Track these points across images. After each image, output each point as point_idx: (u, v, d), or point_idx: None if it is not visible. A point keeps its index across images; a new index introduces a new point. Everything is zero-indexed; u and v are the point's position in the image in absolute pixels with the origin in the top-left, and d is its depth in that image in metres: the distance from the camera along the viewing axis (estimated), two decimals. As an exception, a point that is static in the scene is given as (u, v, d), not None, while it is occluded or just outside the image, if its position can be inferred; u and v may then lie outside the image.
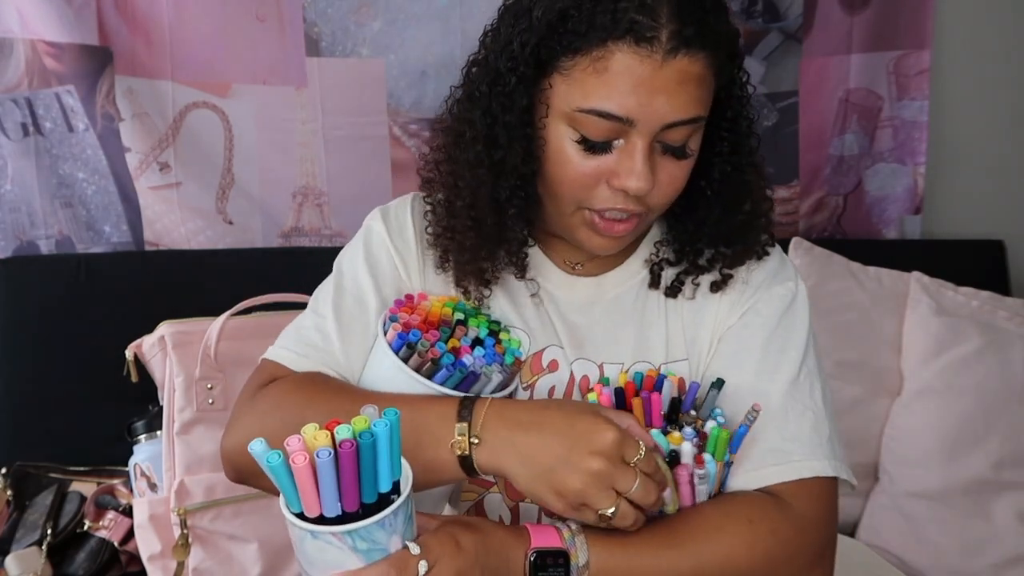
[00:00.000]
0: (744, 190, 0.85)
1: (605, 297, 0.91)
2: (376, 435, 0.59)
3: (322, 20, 1.61)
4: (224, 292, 1.38)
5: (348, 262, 0.93)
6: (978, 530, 1.40)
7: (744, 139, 0.85)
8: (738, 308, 0.88)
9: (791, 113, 1.75)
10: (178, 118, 1.60)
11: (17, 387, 1.48)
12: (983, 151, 1.81)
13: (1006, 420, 1.44)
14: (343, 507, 0.60)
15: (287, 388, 0.82)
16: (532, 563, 0.71)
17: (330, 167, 1.66)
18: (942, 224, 1.83)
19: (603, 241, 0.83)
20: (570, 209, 0.82)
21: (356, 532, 0.60)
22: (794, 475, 0.80)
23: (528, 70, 0.77)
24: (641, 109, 0.74)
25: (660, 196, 0.80)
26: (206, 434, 1.29)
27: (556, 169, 0.79)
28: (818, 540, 0.81)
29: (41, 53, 1.52)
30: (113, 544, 1.31)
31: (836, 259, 1.61)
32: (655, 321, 0.89)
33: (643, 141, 0.76)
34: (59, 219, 1.61)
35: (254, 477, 0.81)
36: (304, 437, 0.59)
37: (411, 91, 1.65)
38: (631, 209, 0.79)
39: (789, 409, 0.82)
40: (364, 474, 0.60)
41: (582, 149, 0.77)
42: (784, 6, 1.70)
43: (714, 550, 0.76)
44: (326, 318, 0.87)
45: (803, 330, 0.87)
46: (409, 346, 0.80)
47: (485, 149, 0.81)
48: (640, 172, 0.76)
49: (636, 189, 0.76)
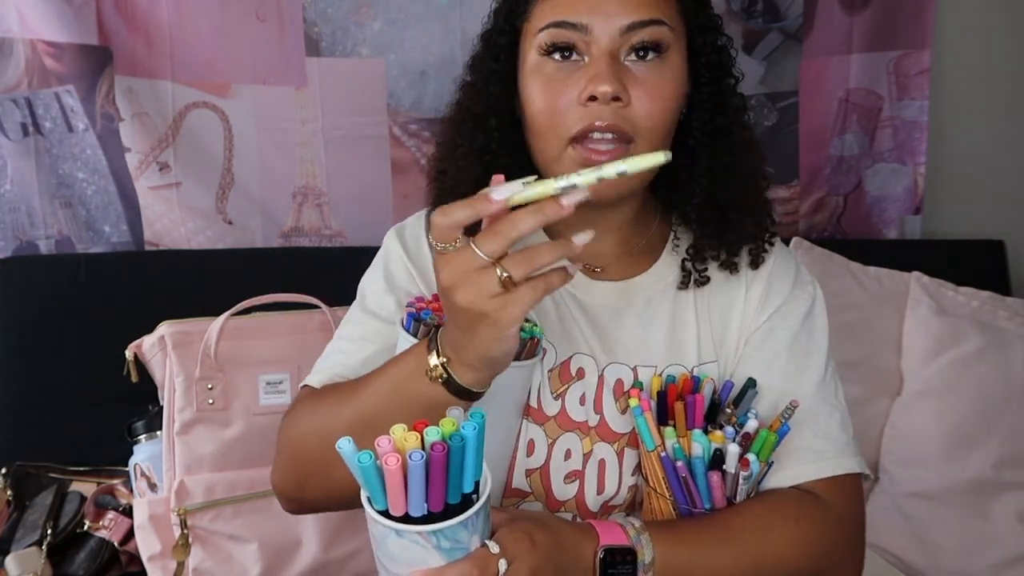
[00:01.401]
0: (729, 144, 0.86)
1: (636, 300, 0.91)
2: (465, 438, 0.60)
3: (322, 20, 1.61)
4: (224, 292, 1.37)
5: (370, 285, 0.95)
6: (978, 530, 1.40)
7: (718, 73, 0.86)
8: (763, 312, 0.90)
9: (791, 113, 1.75)
10: (178, 118, 1.60)
11: (17, 387, 1.48)
12: (983, 151, 1.81)
13: (1006, 420, 1.43)
14: (429, 507, 0.61)
15: (304, 401, 0.85)
16: (602, 560, 0.73)
17: (330, 167, 1.66)
18: (942, 224, 1.83)
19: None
20: (557, 149, 0.82)
21: (442, 532, 0.61)
22: (828, 472, 0.84)
23: (505, 38, 0.84)
24: (593, 12, 0.78)
25: (642, 109, 0.80)
26: (206, 434, 1.29)
27: (533, 105, 0.82)
28: (854, 535, 0.85)
29: (41, 53, 1.52)
30: (113, 544, 1.31)
31: (836, 259, 1.61)
32: (687, 324, 0.90)
33: (602, 47, 0.79)
34: (59, 219, 1.61)
35: (301, 495, 0.84)
36: (394, 438, 0.60)
37: (411, 91, 1.65)
38: (614, 125, 0.79)
39: (819, 409, 0.86)
40: (451, 476, 0.61)
41: (551, 70, 0.81)
42: (784, 6, 1.70)
43: (768, 548, 0.79)
44: (350, 339, 0.90)
45: (824, 332, 0.91)
46: (418, 320, 0.81)
47: (478, 121, 0.85)
48: (603, 73, 0.78)
49: (603, 93, 0.77)
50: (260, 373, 1.33)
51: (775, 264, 0.92)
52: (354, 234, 1.69)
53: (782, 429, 0.80)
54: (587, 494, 0.88)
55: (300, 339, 1.35)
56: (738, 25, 1.69)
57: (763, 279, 0.91)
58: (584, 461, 0.88)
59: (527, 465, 0.88)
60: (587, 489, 0.88)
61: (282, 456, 0.85)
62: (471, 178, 0.85)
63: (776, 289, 0.91)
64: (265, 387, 1.32)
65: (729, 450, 0.78)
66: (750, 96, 1.72)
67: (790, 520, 0.80)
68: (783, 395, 0.85)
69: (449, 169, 0.88)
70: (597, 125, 0.79)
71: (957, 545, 1.40)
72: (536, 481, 0.88)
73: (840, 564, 0.83)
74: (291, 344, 1.35)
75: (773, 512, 0.81)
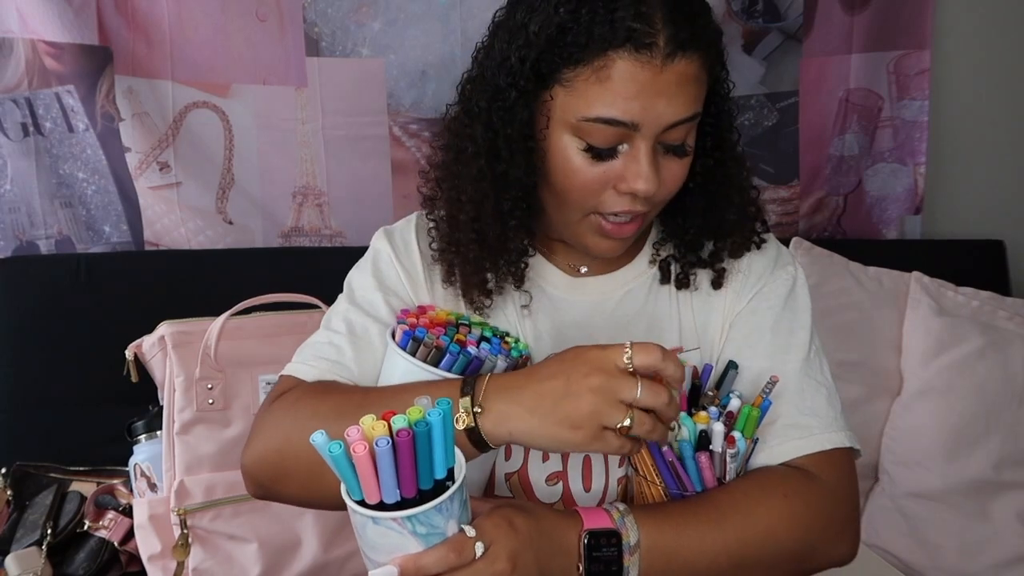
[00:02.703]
0: (726, 182, 0.88)
1: (616, 294, 0.92)
2: (431, 424, 0.62)
3: (322, 20, 1.61)
4: (224, 292, 1.37)
5: (357, 278, 0.95)
6: (978, 530, 1.40)
7: (726, 133, 0.87)
8: (744, 295, 0.91)
9: (791, 113, 1.75)
10: (178, 118, 1.60)
11: (16, 387, 1.48)
12: (983, 151, 1.81)
13: (1006, 420, 1.43)
14: (401, 493, 0.63)
15: (298, 395, 0.84)
16: (586, 544, 0.73)
17: (330, 167, 1.66)
18: (942, 224, 1.83)
19: (611, 244, 0.86)
20: (578, 216, 0.84)
21: (415, 517, 0.63)
22: (816, 447, 0.84)
23: (528, 84, 0.79)
24: (644, 113, 0.76)
25: (663, 193, 0.83)
26: (206, 434, 1.29)
27: (563, 179, 0.81)
28: (846, 508, 0.85)
29: (41, 53, 1.52)
30: (113, 544, 1.31)
31: (836, 259, 1.61)
32: (668, 315, 0.92)
33: (647, 143, 0.78)
34: (59, 219, 1.61)
35: (276, 486, 0.83)
36: (363, 427, 0.62)
37: (411, 91, 1.65)
38: (638, 210, 0.82)
39: (804, 386, 0.86)
40: (421, 461, 0.63)
41: (589, 157, 0.79)
42: (784, 6, 1.70)
43: (755, 525, 0.78)
44: (339, 332, 0.90)
45: (807, 311, 0.91)
46: (415, 340, 0.82)
47: (487, 163, 0.83)
48: (647, 174, 0.78)
49: (645, 191, 0.79)
50: (260, 373, 1.33)
51: (754, 248, 0.93)
52: (354, 234, 1.69)
53: (764, 404, 0.81)
54: (574, 493, 0.88)
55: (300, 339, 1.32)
56: (738, 25, 1.69)
57: (743, 263, 0.92)
58: (564, 461, 0.88)
59: (505, 469, 0.88)
60: (573, 488, 0.88)
61: (263, 445, 0.83)
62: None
63: (755, 271, 0.92)
64: (265, 387, 1.32)
65: (714, 430, 0.79)
66: (750, 96, 1.72)
67: (778, 496, 0.80)
68: (768, 374, 0.85)
69: (464, 197, 0.86)
70: (627, 210, 0.82)
71: (957, 545, 1.40)
72: (516, 485, 0.89)
73: (833, 539, 0.83)
74: (291, 344, 1.32)
75: (761, 489, 0.81)
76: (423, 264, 0.94)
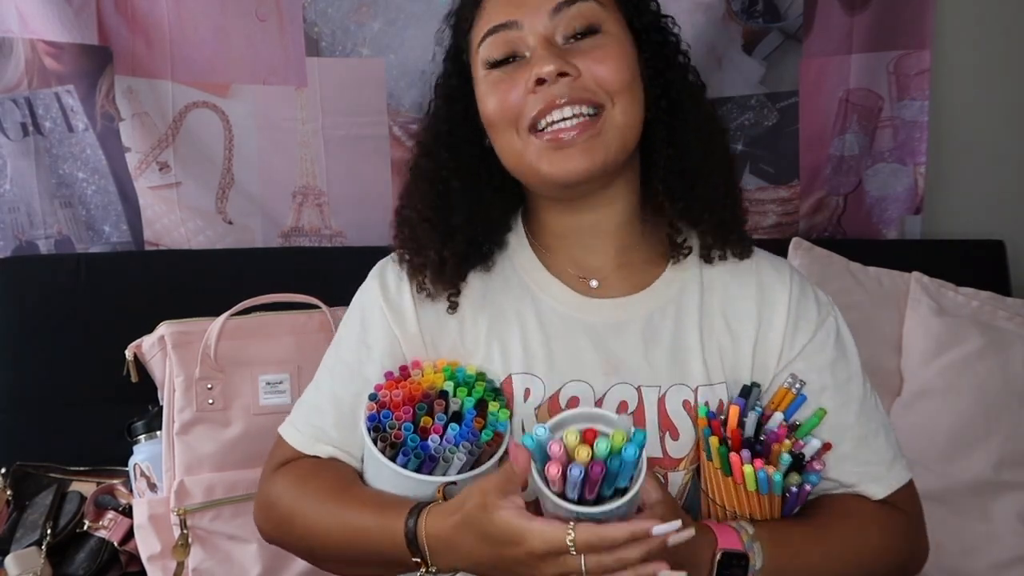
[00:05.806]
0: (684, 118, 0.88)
1: (637, 317, 0.89)
2: (624, 460, 0.67)
3: (322, 20, 1.61)
4: (224, 292, 1.37)
5: (345, 330, 0.96)
6: (978, 530, 1.40)
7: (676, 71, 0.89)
8: (794, 343, 0.90)
9: (791, 113, 1.75)
10: (178, 118, 1.60)
11: (17, 387, 1.48)
12: (983, 151, 1.81)
13: (1006, 420, 1.43)
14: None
15: (290, 480, 0.89)
16: (719, 562, 0.76)
17: (330, 167, 1.66)
18: (942, 224, 1.83)
19: (565, 154, 0.82)
20: (520, 141, 0.84)
21: (591, 515, 0.69)
22: (887, 491, 0.89)
23: (455, 79, 0.91)
24: (518, 8, 0.83)
25: (595, 74, 0.83)
26: (206, 434, 1.29)
27: (486, 107, 0.86)
28: (925, 535, 0.92)
29: (41, 53, 1.52)
30: (113, 544, 1.31)
31: (836, 259, 1.61)
32: (691, 345, 0.89)
33: (536, 36, 0.83)
34: (59, 219, 1.61)
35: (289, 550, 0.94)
36: (565, 444, 0.68)
37: (411, 91, 1.65)
38: (575, 96, 0.82)
39: (868, 431, 0.90)
40: (606, 481, 0.69)
41: (493, 72, 0.85)
42: (784, 6, 1.70)
43: (859, 554, 0.85)
44: (323, 391, 0.93)
45: (855, 352, 0.93)
46: (375, 429, 0.83)
47: (443, 147, 0.91)
48: (541, 56, 0.82)
49: (548, 72, 0.81)
50: (260, 373, 1.33)
51: (793, 290, 0.92)
52: (354, 234, 1.69)
53: (799, 398, 0.87)
54: None
55: (300, 339, 1.35)
56: (738, 25, 1.69)
57: (782, 307, 0.90)
58: None
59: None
60: None
61: (265, 512, 0.91)
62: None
63: (804, 318, 0.91)
64: (265, 387, 1.32)
65: (810, 444, 0.84)
66: (750, 96, 1.72)
67: (875, 528, 0.86)
68: (834, 428, 0.87)
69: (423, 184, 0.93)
70: (558, 102, 0.81)
71: (957, 545, 1.40)
72: None
73: (919, 563, 0.91)
74: (291, 344, 1.35)
75: (860, 522, 0.86)
76: (411, 293, 0.92)
